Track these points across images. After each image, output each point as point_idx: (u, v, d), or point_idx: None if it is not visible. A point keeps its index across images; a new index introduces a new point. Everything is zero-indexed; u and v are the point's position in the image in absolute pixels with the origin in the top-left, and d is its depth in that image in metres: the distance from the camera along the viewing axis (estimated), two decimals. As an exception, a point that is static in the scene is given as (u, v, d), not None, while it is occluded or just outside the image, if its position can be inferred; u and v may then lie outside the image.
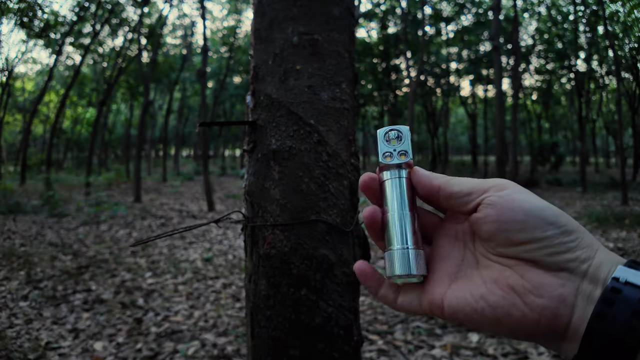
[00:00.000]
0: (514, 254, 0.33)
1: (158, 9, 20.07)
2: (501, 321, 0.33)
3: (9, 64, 16.77)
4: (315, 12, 1.05)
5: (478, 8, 18.50)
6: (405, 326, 3.06)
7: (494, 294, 0.33)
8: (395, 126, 0.42)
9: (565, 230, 0.32)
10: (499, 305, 0.33)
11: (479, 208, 0.35)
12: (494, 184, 0.35)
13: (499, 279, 0.34)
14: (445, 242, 0.39)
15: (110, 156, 34.66)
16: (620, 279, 0.30)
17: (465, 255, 0.38)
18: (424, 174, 0.39)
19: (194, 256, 5.23)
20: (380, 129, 0.42)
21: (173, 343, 2.86)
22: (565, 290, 0.31)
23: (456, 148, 49.48)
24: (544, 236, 0.32)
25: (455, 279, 0.37)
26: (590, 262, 0.32)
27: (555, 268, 0.32)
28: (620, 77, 12.94)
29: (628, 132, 23.97)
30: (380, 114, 25.70)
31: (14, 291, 3.88)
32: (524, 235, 0.32)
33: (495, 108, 10.82)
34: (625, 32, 13.64)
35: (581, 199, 10.99)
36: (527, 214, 0.33)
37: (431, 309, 0.37)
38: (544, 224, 0.32)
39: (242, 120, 1.11)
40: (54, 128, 15.55)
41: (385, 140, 0.41)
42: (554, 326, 0.31)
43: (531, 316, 0.32)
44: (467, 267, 0.37)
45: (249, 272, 1.06)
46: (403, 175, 0.40)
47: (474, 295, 0.34)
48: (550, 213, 0.33)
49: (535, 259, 0.32)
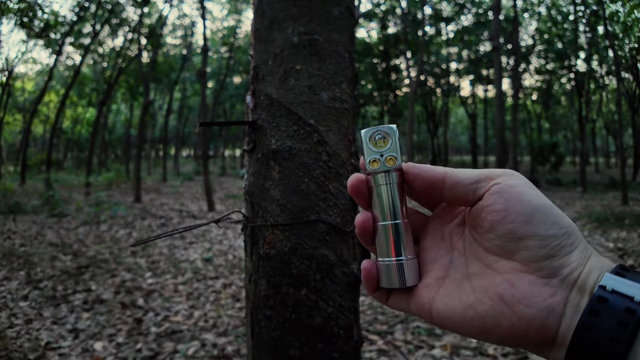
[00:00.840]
0: (512, 250, 0.33)
1: (158, 9, 20.11)
2: (490, 330, 0.33)
3: (9, 64, 16.78)
4: (315, 12, 1.05)
5: (478, 8, 18.51)
6: (405, 326, 3.06)
7: (483, 303, 0.33)
8: (381, 127, 0.38)
9: (566, 232, 0.32)
10: (487, 314, 0.33)
11: (485, 196, 0.34)
12: (502, 173, 0.35)
13: (488, 287, 0.34)
14: (432, 243, 0.39)
15: (110, 156, 34.69)
16: (607, 287, 0.30)
17: (453, 258, 0.38)
18: (424, 166, 0.37)
19: (194, 256, 5.23)
20: (364, 130, 0.38)
21: (173, 343, 2.86)
22: (554, 300, 0.31)
23: (456, 148, 49.46)
24: (546, 234, 0.32)
25: (443, 283, 0.36)
26: (581, 269, 0.32)
27: (549, 273, 0.32)
28: (620, 77, 12.94)
29: (628, 132, 23.99)
30: (380, 114, 25.69)
31: (14, 291, 3.88)
32: (528, 229, 0.32)
33: (495, 108, 10.82)
34: (625, 32, 13.63)
35: (581, 199, 10.99)
36: (535, 209, 0.32)
37: (419, 313, 0.37)
38: (549, 222, 0.32)
39: (242, 120, 1.11)
40: (54, 128, 15.55)
41: (370, 143, 0.38)
42: (542, 335, 0.31)
43: (519, 326, 0.32)
44: (455, 272, 0.37)
45: (249, 272, 1.06)
46: (393, 181, 0.37)
47: (463, 304, 0.34)
48: (555, 213, 0.33)
49: (532, 259, 0.32)
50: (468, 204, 0.36)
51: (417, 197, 0.40)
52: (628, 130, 23.47)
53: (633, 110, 16.72)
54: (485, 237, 0.35)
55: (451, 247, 0.38)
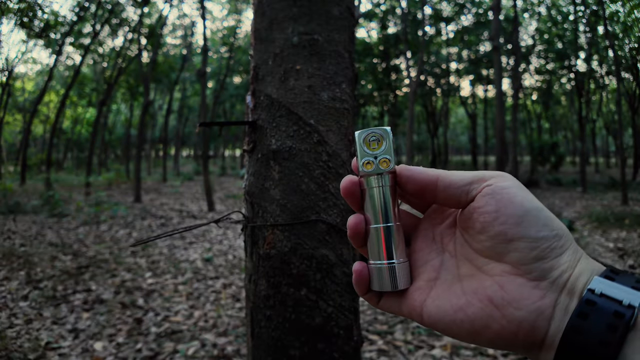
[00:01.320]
0: (502, 252, 0.33)
1: (158, 9, 20.10)
2: (480, 333, 0.33)
3: (9, 64, 16.78)
4: (315, 12, 1.05)
5: (478, 8, 18.51)
6: (405, 326, 3.06)
7: (473, 306, 0.33)
8: (375, 128, 0.38)
9: (556, 235, 0.32)
10: (477, 317, 0.33)
11: (477, 197, 0.35)
12: (495, 175, 0.35)
13: (478, 289, 0.34)
14: (423, 245, 0.39)
15: (110, 156, 34.70)
16: (595, 290, 0.30)
17: (444, 260, 0.38)
18: (417, 168, 0.37)
19: (194, 256, 5.23)
20: (358, 132, 0.38)
21: (173, 343, 2.86)
22: (543, 302, 0.31)
23: (456, 148, 49.47)
24: (537, 236, 0.32)
25: (434, 285, 0.37)
26: (571, 272, 0.32)
27: (538, 275, 0.32)
28: (620, 77, 12.94)
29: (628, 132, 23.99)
30: (380, 114, 25.70)
31: (14, 291, 3.88)
32: (519, 230, 0.32)
33: (495, 108, 10.83)
34: (625, 32, 13.64)
35: (581, 199, 10.99)
36: (526, 211, 0.33)
37: (410, 315, 0.37)
38: (539, 224, 0.32)
39: (242, 120, 1.11)
40: (54, 128, 15.54)
41: (364, 145, 0.38)
42: (531, 337, 0.31)
43: (509, 328, 0.32)
44: (446, 273, 0.37)
45: (249, 272, 1.06)
46: (386, 184, 0.37)
47: (453, 306, 0.34)
48: (546, 215, 0.33)
49: (522, 261, 0.32)
50: (460, 206, 0.37)
51: (409, 199, 0.40)
52: (628, 130, 23.47)
53: (633, 110, 16.72)
54: (476, 239, 0.35)
55: (442, 249, 0.38)
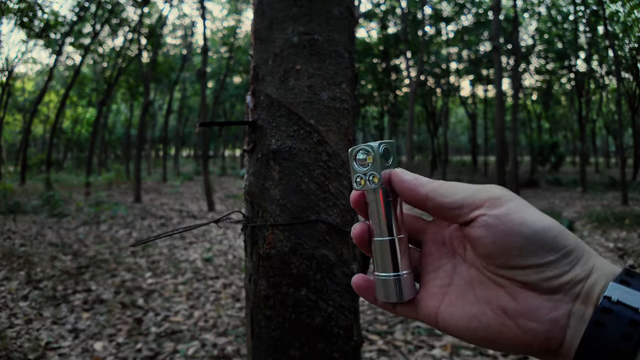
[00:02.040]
0: (509, 276, 0.33)
1: (158, 9, 20.09)
2: (494, 340, 0.33)
3: (9, 64, 16.78)
4: (315, 12, 1.05)
5: (478, 8, 18.50)
6: (405, 326, 3.06)
7: (486, 315, 0.33)
8: (364, 145, 0.38)
9: (564, 253, 0.31)
10: (490, 325, 0.33)
11: (472, 224, 0.33)
12: (488, 197, 0.33)
13: (491, 299, 0.33)
14: (434, 249, 0.38)
15: (110, 156, 34.69)
16: (612, 297, 0.29)
17: (456, 264, 0.37)
18: (409, 181, 0.36)
19: (194, 256, 5.23)
20: (350, 149, 0.38)
21: (173, 343, 2.86)
22: (557, 313, 0.31)
23: (456, 148, 49.47)
24: (542, 262, 0.31)
25: (447, 292, 0.36)
26: (585, 282, 0.31)
27: (550, 291, 0.31)
28: (620, 77, 12.94)
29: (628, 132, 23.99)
30: (380, 114, 25.70)
31: (14, 291, 3.88)
32: (521, 261, 0.31)
33: (495, 108, 10.83)
34: (625, 32, 13.65)
35: (581, 199, 10.99)
36: (526, 240, 0.31)
37: (426, 320, 0.37)
38: (544, 249, 0.31)
39: (242, 120, 1.11)
40: (54, 128, 15.55)
41: (355, 162, 0.38)
42: (546, 346, 0.31)
43: (524, 338, 0.32)
44: (459, 279, 0.36)
45: (249, 272, 1.06)
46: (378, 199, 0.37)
47: (467, 314, 0.34)
48: (551, 235, 0.31)
49: (530, 282, 0.32)
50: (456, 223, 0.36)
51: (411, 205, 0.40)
52: (628, 130, 23.47)
53: (633, 110, 16.73)
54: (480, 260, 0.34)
55: (453, 252, 0.38)
